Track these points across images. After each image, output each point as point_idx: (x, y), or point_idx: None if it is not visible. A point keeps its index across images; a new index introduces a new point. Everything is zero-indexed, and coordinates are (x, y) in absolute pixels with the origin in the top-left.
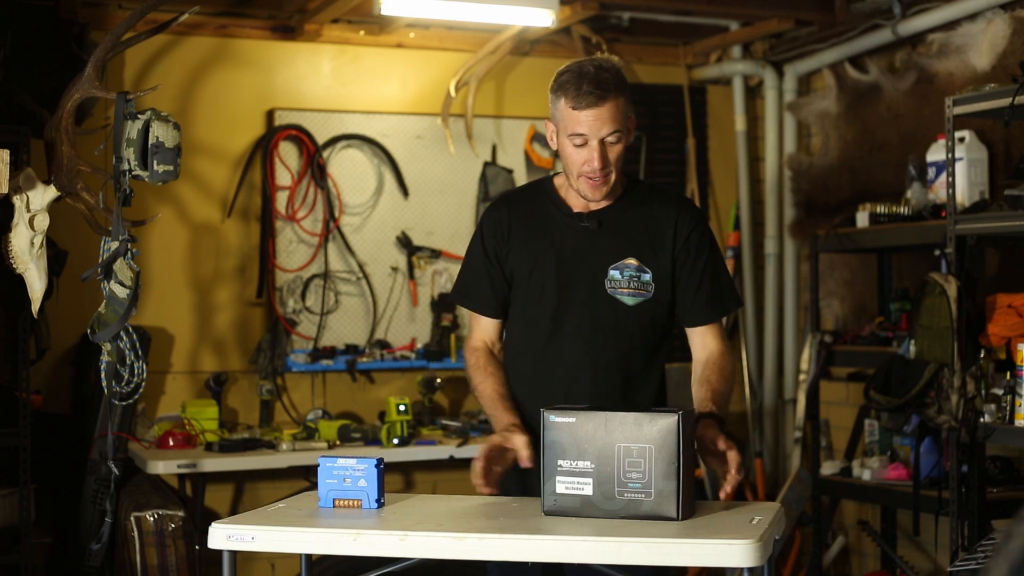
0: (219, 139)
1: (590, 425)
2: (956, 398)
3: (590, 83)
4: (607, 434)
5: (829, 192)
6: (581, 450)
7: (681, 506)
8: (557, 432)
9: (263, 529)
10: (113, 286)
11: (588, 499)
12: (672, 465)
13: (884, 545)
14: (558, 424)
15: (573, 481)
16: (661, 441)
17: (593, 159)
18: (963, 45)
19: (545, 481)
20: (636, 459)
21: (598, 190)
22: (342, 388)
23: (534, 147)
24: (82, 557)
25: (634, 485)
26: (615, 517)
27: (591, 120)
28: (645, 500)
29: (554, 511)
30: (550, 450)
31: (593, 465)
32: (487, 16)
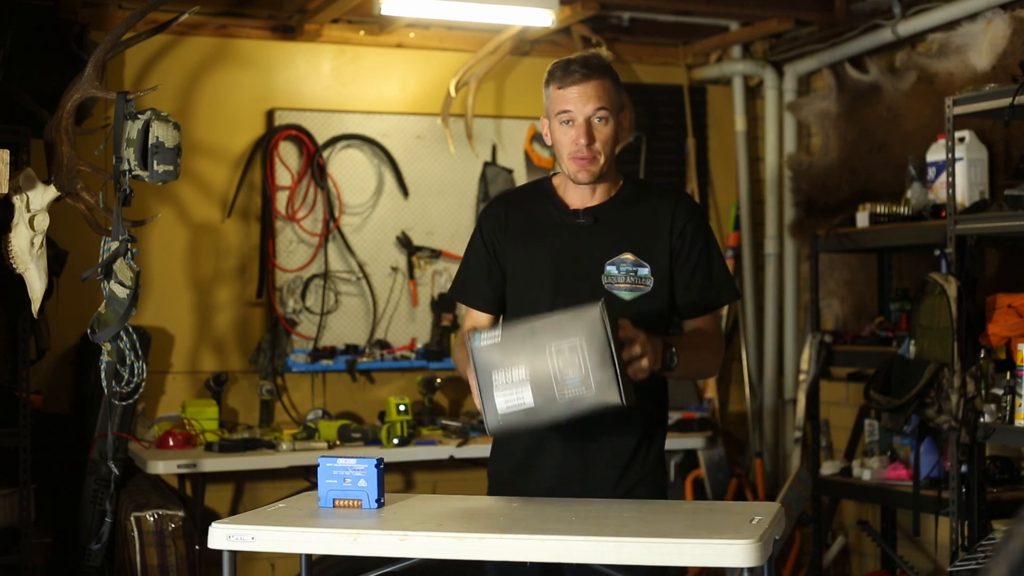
0: (219, 139)
1: (517, 337)
2: (956, 398)
3: (576, 63)
4: (534, 338)
5: (829, 192)
6: (512, 361)
7: (623, 391)
8: (486, 353)
9: (263, 529)
10: (113, 286)
11: (532, 409)
12: (605, 354)
13: (884, 545)
14: (484, 347)
15: (512, 394)
16: (589, 333)
17: (580, 135)
18: (963, 45)
19: (485, 403)
20: (568, 356)
21: (586, 170)
22: (342, 388)
23: (534, 147)
24: (82, 557)
25: (572, 382)
26: (561, 419)
27: (576, 96)
28: (586, 394)
29: (501, 430)
30: (482, 371)
31: (528, 373)
32: (487, 16)
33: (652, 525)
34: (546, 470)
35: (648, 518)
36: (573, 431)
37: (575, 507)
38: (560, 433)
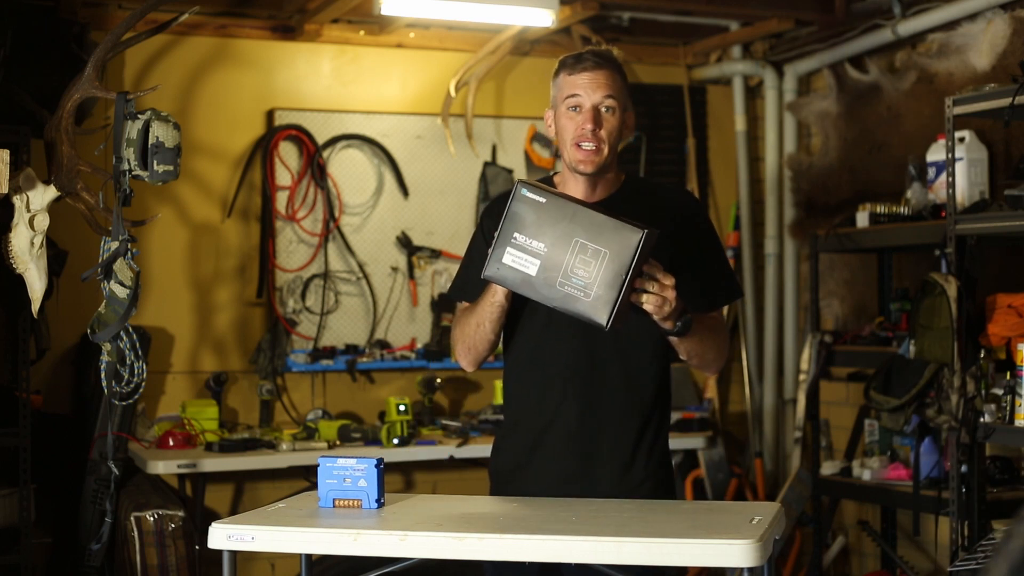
0: (219, 139)
1: (557, 211)
2: (956, 398)
3: (589, 54)
4: (570, 224)
5: (829, 192)
6: (540, 231)
7: (613, 317)
8: (524, 206)
9: (263, 529)
10: (113, 286)
11: (529, 279)
12: (619, 277)
13: (884, 545)
14: (527, 199)
15: (522, 257)
16: (618, 250)
17: (586, 121)
18: (963, 45)
19: (495, 248)
20: (588, 259)
21: (590, 160)
22: (342, 388)
23: (534, 147)
24: (82, 557)
25: (577, 281)
26: (547, 304)
27: (587, 82)
28: (582, 299)
29: (493, 277)
30: (510, 220)
31: (546, 249)
32: (487, 16)
33: (652, 525)
34: (547, 469)
35: (648, 518)
36: (576, 431)
37: (575, 507)
38: (562, 433)
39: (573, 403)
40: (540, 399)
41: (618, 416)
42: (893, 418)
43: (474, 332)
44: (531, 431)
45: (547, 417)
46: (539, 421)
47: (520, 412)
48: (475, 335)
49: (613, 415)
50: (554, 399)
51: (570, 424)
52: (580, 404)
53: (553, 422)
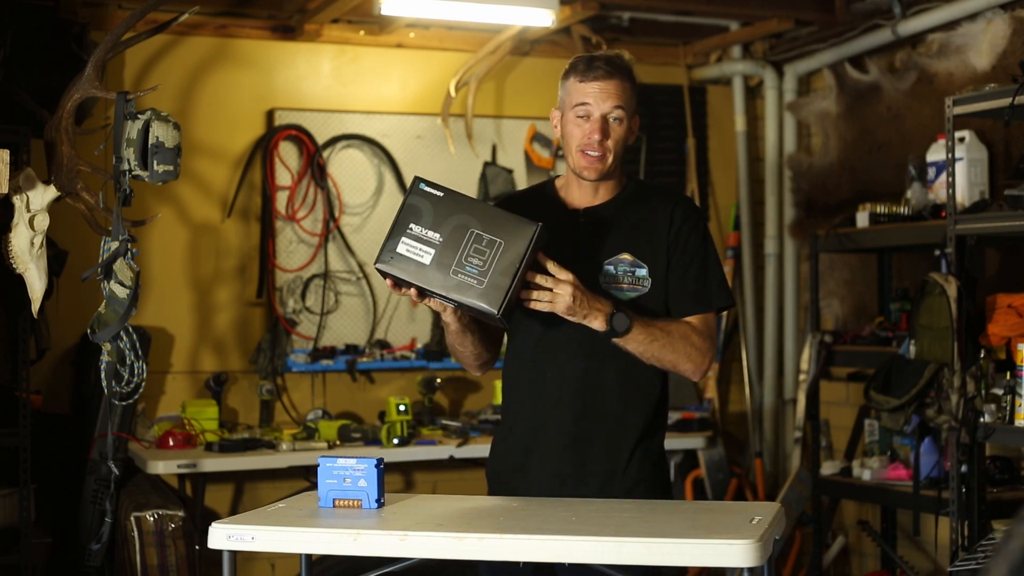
0: (219, 139)
1: (454, 204)
2: (956, 398)
3: (602, 61)
4: (467, 216)
5: (829, 192)
6: (436, 223)
7: (505, 305)
8: (421, 199)
9: (263, 529)
10: (113, 286)
11: (423, 267)
12: (513, 266)
13: (884, 545)
14: (425, 192)
15: (416, 247)
16: (512, 241)
17: (594, 131)
18: (963, 45)
19: (389, 239)
20: (483, 248)
21: (594, 167)
22: (342, 388)
23: (534, 147)
24: (82, 557)
25: (471, 270)
26: (439, 291)
27: (596, 91)
28: (474, 287)
29: (384, 269)
30: (407, 212)
31: (441, 240)
32: (487, 16)
33: (652, 525)
34: (544, 471)
35: (648, 518)
36: (571, 433)
37: (575, 507)
38: (558, 435)
39: (569, 406)
40: (536, 402)
41: (613, 419)
42: (893, 418)
43: (452, 351)
44: (527, 434)
45: (543, 420)
46: (535, 424)
47: (516, 415)
48: (456, 353)
49: (608, 418)
50: (550, 402)
51: (566, 427)
52: (576, 407)
53: (549, 425)
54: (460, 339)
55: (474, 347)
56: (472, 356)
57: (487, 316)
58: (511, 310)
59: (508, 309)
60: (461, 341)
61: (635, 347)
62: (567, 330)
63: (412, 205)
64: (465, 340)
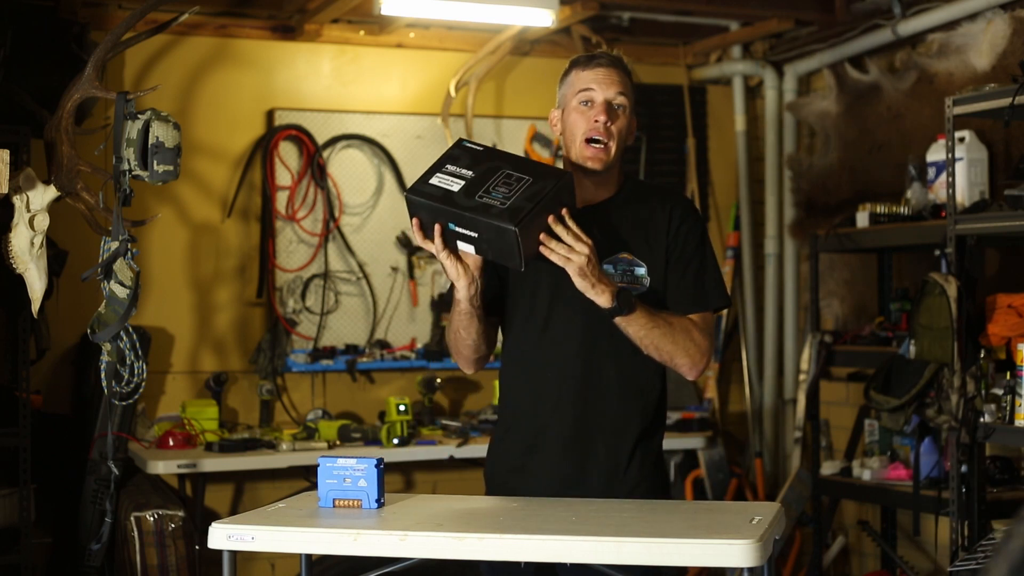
0: (219, 139)
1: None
2: (956, 398)
3: (603, 55)
4: (501, 162)
5: (829, 192)
6: (472, 164)
7: (522, 222)
8: (460, 151)
9: (263, 529)
10: (113, 286)
11: (450, 193)
12: (537, 195)
13: (884, 545)
14: (466, 147)
15: (448, 179)
16: (540, 180)
17: (599, 113)
18: (963, 45)
19: (423, 175)
20: (512, 182)
21: (598, 158)
22: (342, 388)
23: (534, 147)
24: (82, 557)
25: (495, 195)
26: (465, 215)
27: (601, 77)
28: (497, 208)
29: (416, 195)
30: (444, 157)
31: (472, 175)
32: (487, 16)
33: (652, 525)
34: (543, 472)
35: (648, 518)
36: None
37: (575, 507)
38: (558, 436)
39: (568, 407)
40: (535, 403)
41: (612, 420)
42: (893, 418)
43: (454, 339)
44: (526, 435)
45: (542, 421)
46: (534, 425)
47: (515, 416)
48: (457, 342)
49: (607, 419)
50: (549, 403)
51: (564, 428)
52: (574, 408)
53: (548, 426)
54: (467, 323)
55: (477, 336)
56: (472, 348)
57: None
58: (529, 237)
59: (525, 230)
60: (467, 325)
61: (636, 331)
62: (567, 330)
63: (451, 153)
64: (471, 325)
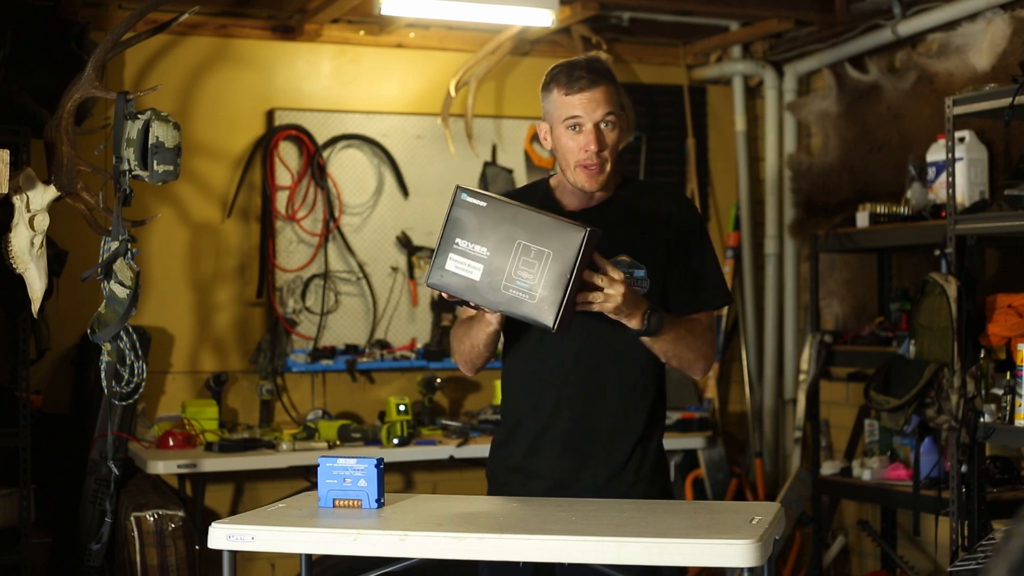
0: (219, 139)
1: (498, 214)
2: (956, 398)
3: (582, 69)
4: (512, 227)
5: (829, 192)
6: (482, 235)
7: (559, 318)
8: (464, 211)
9: (263, 529)
10: (113, 286)
11: (473, 284)
12: (564, 277)
13: (884, 545)
14: (468, 204)
15: (465, 263)
16: (561, 250)
17: (589, 142)
18: (963, 45)
19: (437, 255)
20: (532, 260)
21: (595, 179)
22: (342, 388)
23: (534, 147)
24: (82, 557)
25: (521, 284)
26: (492, 308)
27: (585, 102)
28: (527, 301)
29: (437, 285)
30: (452, 226)
31: (488, 253)
32: (487, 16)
33: (652, 525)
34: (544, 473)
35: (648, 518)
36: (572, 435)
37: (575, 507)
38: (559, 437)
39: (568, 408)
40: (536, 404)
41: (613, 421)
42: (893, 418)
43: (469, 351)
44: (527, 435)
45: (543, 422)
46: (535, 425)
47: (517, 416)
48: (470, 353)
49: (608, 420)
50: (550, 404)
51: (565, 429)
52: (575, 409)
53: (549, 427)
54: (492, 340)
55: (493, 349)
56: (484, 358)
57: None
58: (567, 321)
59: (563, 321)
60: (488, 343)
61: (661, 346)
62: (568, 333)
63: (456, 219)
64: (492, 342)
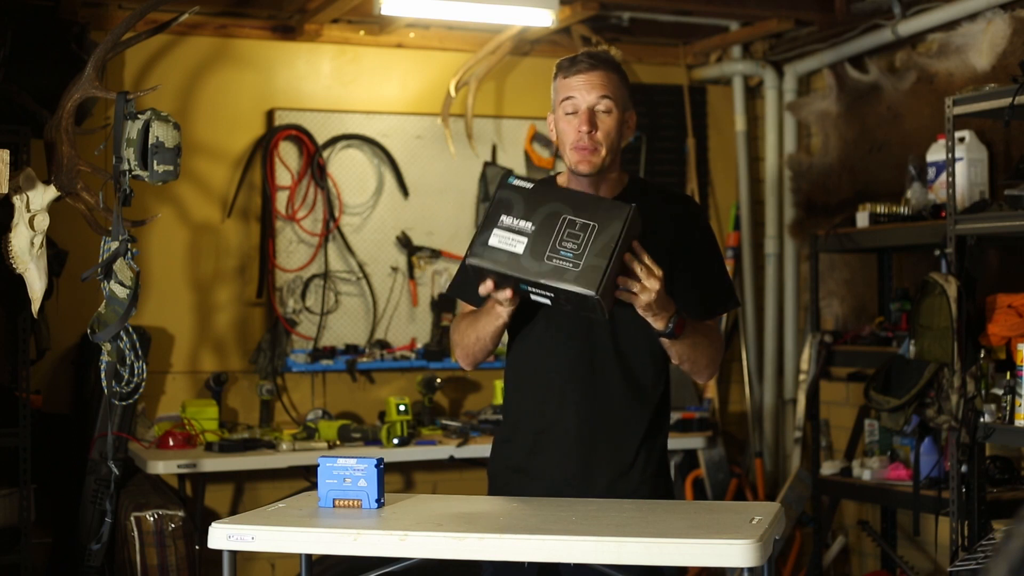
0: (219, 139)
1: (544, 194)
2: (956, 398)
3: (585, 55)
4: (558, 204)
5: (829, 192)
6: (528, 211)
7: (603, 285)
8: (511, 192)
9: (263, 529)
10: (113, 286)
11: (516, 257)
12: (609, 247)
13: (884, 545)
14: (514, 187)
15: (508, 237)
16: (606, 223)
17: (582, 122)
18: (963, 45)
19: (480, 233)
20: (577, 232)
21: (587, 160)
22: (342, 388)
23: (534, 147)
24: (82, 557)
25: (565, 254)
26: (537, 280)
27: (581, 84)
28: (570, 270)
29: (480, 262)
30: (497, 205)
31: (533, 228)
32: (487, 16)
33: (652, 525)
34: (548, 473)
35: (648, 518)
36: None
37: (575, 507)
38: (563, 437)
39: (572, 409)
40: (539, 404)
41: (617, 421)
42: (893, 418)
43: (473, 343)
44: (530, 435)
45: (546, 422)
46: (538, 425)
47: (519, 416)
48: (474, 346)
49: (612, 421)
50: (553, 404)
51: (569, 429)
52: (579, 410)
53: (552, 427)
54: (499, 333)
55: (498, 342)
56: (487, 352)
57: (584, 301)
58: (609, 299)
59: (605, 296)
60: (495, 336)
61: (680, 349)
62: (571, 334)
63: (502, 199)
64: (499, 335)
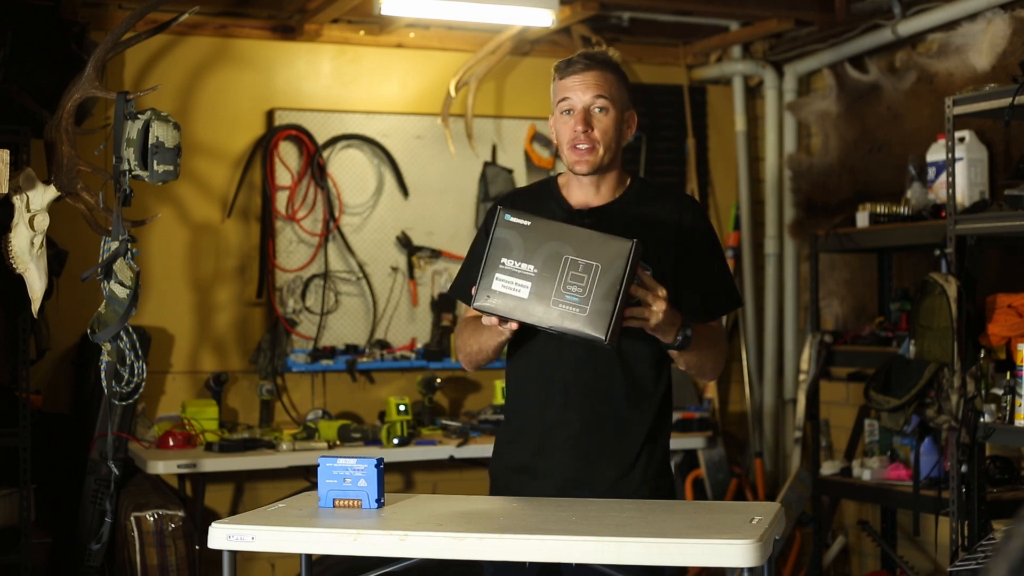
0: (219, 139)
1: (543, 232)
2: (956, 398)
3: (581, 56)
4: (559, 243)
5: (829, 192)
6: (528, 253)
7: (611, 330)
8: (508, 231)
9: (263, 529)
10: (113, 286)
11: (522, 302)
12: (614, 288)
13: (884, 545)
14: (511, 224)
15: (512, 281)
16: (610, 263)
17: (577, 122)
18: (963, 45)
19: (482, 277)
20: (580, 274)
21: (584, 160)
22: (342, 388)
23: (534, 147)
24: (82, 557)
25: (571, 298)
26: (543, 325)
27: (576, 84)
28: (578, 315)
29: (484, 308)
30: (496, 246)
31: (536, 271)
32: (487, 16)
33: (652, 525)
34: (550, 474)
35: (648, 518)
36: (578, 436)
37: (575, 507)
38: (565, 438)
39: (575, 410)
40: (542, 406)
41: (619, 423)
42: (893, 418)
43: (476, 352)
44: (532, 437)
45: (548, 423)
46: (541, 427)
47: (522, 418)
48: (477, 355)
49: (614, 423)
50: (556, 406)
51: (571, 431)
52: (582, 411)
53: (554, 428)
54: (501, 346)
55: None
56: (490, 360)
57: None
58: (617, 334)
59: (614, 334)
60: (498, 349)
61: (687, 358)
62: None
63: (500, 239)
64: (501, 348)
